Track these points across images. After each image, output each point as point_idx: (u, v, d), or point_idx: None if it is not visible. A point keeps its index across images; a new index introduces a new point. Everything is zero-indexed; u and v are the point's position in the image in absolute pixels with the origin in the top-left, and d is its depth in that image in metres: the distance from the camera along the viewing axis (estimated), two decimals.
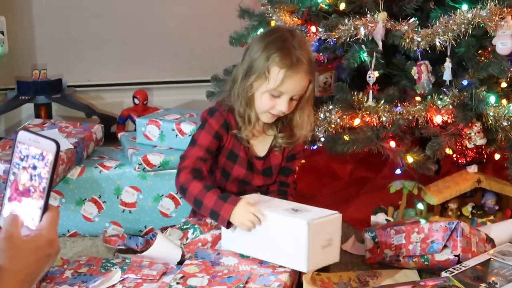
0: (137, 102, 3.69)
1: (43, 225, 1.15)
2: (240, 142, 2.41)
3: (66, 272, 2.28)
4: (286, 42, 2.28)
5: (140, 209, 2.75)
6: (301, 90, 2.31)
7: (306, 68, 2.27)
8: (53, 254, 1.15)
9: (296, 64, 2.25)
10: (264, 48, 2.29)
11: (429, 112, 2.64)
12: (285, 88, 2.28)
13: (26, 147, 1.16)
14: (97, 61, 3.85)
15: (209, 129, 2.39)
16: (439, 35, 2.60)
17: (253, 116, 2.37)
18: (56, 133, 2.88)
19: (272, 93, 2.29)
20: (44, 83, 3.63)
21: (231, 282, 2.08)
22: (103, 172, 2.74)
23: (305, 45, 2.33)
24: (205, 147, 2.38)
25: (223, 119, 2.39)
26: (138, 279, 2.21)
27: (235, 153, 2.43)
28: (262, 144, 2.46)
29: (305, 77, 2.28)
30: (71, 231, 2.75)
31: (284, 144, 2.43)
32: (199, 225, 2.42)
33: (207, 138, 2.39)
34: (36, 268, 1.13)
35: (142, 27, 3.83)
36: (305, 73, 2.27)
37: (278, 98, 2.30)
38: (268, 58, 2.27)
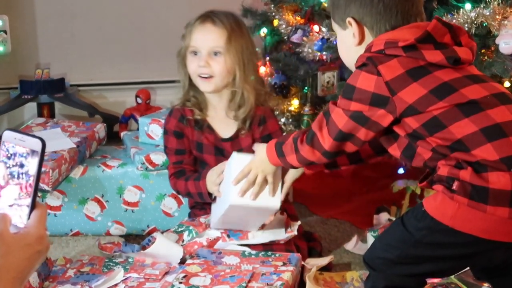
0: (140, 102, 3.69)
1: (32, 223, 1.16)
2: (202, 130, 2.46)
3: (68, 271, 2.28)
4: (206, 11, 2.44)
5: (142, 208, 2.75)
6: (213, 42, 2.38)
7: (215, 20, 2.38)
8: (43, 251, 1.16)
9: (205, 18, 2.40)
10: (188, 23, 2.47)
11: None
12: (195, 42, 2.39)
13: (12, 146, 1.16)
14: (100, 61, 3.84)
15: (168, 132, 2.52)
16: None
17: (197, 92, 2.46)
18: (59, 132, 2.88)
19: (191, 51, 2.40)
20: (47, 82, 3.63)
21: (233, 281, 2.08)
22: (105, 172, 2.74)
23: (228, 12, 2.45)
24: (174, 150, 2.51)
25: (179, 114, 2.50)
26: (140, 279, 2.21)
27: (199, 143, 2.49)
28: (226, 125, 2.48)
29: (213, 27, 2.38)
30: (73, 231, 2.75)
31: (242, 114, 2.43)
32: (193, 226, 2.43)
33: (171, 141, 2.52)
34: (27, 265, 1.14)
35: (144, 26, 3.83)
36: (212, 24, 2.38)
37: (197, 56, 2.40)
38: (186, 26, 2.44)
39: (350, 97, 1.81)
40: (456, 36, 1.83)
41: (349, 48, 1.93)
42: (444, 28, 1.82)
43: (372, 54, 1.80)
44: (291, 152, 2.00)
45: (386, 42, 1.80)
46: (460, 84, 1.77)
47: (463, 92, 1.75)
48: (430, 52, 1.78)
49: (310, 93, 3.00)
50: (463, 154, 1.73)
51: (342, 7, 1.91)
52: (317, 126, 1.91)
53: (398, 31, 1.83)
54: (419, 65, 1.77)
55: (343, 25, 1.92)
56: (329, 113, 1.87)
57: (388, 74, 1.76)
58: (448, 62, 1.77)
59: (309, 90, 2.98)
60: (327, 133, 1.88)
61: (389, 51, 1.79)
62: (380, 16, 1.85)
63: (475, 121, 1.73)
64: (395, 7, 1.85)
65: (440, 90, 1.76)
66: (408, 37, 1.79)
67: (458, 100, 1.74)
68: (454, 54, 1.78)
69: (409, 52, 1.77)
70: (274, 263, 2.19)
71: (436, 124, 1.75)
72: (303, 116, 2.90)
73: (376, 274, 1.91)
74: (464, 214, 1.72)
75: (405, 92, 1.76)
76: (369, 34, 1.88)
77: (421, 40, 1.78)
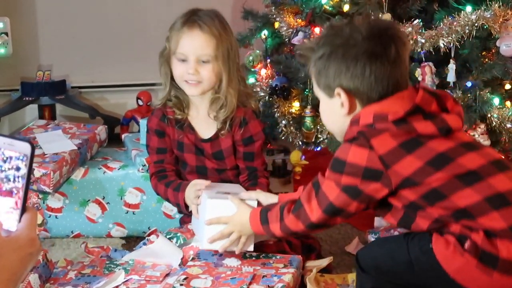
0: (141, 103, 3.69)
1: (23, 226, 1.17)
2: (182, 130, 2.47)
3: (69, 273, 2.28)
4: (190, 12, 2.39)
5: (143, 210, 2.75)
6: (202, 49, 2.34)
7: (203, 26, 2.34)
8: (35, 253, 1.17)
9: (190, 24, 2.35)
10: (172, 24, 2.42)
11: None
12: (183, 49, 2.35)
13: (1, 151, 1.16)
14: (101, 62, 3.85)
15: (150, 130, 2.53)
16: (443, 36, 2.60)
17: (180, 96, 2.45)
18: (60, 134, 2.89)
19: (177, 58, 2.37)
20: (48, 84, 3.63)
21: (234, 284, 2.08)
22: (106, 173, 2.74)
23: (211, 13, 2.39)
24: (155, 149, 2.52)
25: (161, 113, 2.50)
26: (141, 280, 2.21)
27: (180, 142, 2.49)
28: (207, 126, 2.47)
29: (201, 34, 2.34)
30: (74, 232, 2.75)
31: (222, 115, 2.42)
32: (181, 233, 2.43)
33: (152, 139, 2.53)
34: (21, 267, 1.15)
35: (145, 28, 3.83)
36: (200, 30, 2.34)
37: (185, 63, 2.36)
38: (171, 28, 2.40)
39: (341, 171, 1.78)
40: (442, 102, 1.80)
41: (336, 116, 1.87)
42: (431, 97, 1.78)
43: (362, 128, 1.76)
44: (275, 220, 1.96)
45: (375, 115, 1.76)
46: (456, 153, 1.74)
47: (461, 161, 1.73)
48: (421, 123, 1.74)
49: (311, 95, 3.00)
50: (469, 221, 1.73)
51: (330, 77, 1.83)
52: (306, 197, 1.88)
53: (386, 103, 1.77)
54: (411, 137, 1.74)
55: (330, 94, 1.86)
56: (319, 184, 1.84)
57: (381, 148, 1.73)
58: (440, 133, 1.74)
59: (310, 92, 2.98)
60: (316, 204, 1.85)
61: (379, 125, 1.74)
62: (371, 87, 1.79)
63: (478, 190, 1.71)
64: (387, 78, 1.78)
65: (437, 161, 1.73)
66: (397, 109, 1.74)
67: (457, 170, 1.72)
68: (445, 124, 1.75)
69: (399, 126, 1.73)
70: (275, 265, 2.19)
71: (436, 195, 1.73)
72: (304, 118, 2.90)
73: (365, 275, 1.92)
74: (470, 273, 1.72)
75: (400, 165, 1.73)
76: (358, 104, 1.83)
77: (410, 113, 1.74)
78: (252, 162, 2.48)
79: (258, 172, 2.49)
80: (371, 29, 1.81)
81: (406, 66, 1.84)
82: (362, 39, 1.79)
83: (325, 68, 1.84)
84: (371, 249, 1.95)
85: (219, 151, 2.46)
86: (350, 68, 1.79)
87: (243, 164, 2.48)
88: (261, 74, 3.11)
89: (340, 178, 1.79)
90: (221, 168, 2.50)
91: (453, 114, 1.79)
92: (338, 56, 1.81)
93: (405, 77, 1.84)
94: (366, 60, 1.78)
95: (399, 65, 1.80)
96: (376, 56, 1.78)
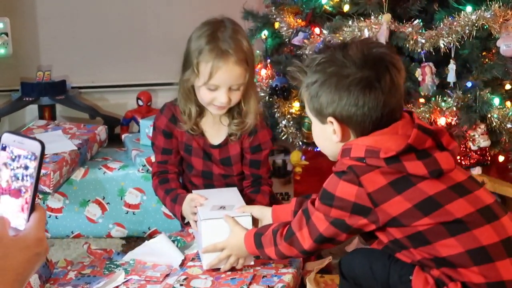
0: (141, 104, 3.69)
1: (31, 225, 1.16)
2: (193, 134, 2.44)
3: (70, 273, 2.28)
4: (214, 34, 2.29)
5: (143, 210, 2.75)
6: (236, 80, 2.29)
7: (236, 58, 2.26)
8: (42, 253, 1.15)
9: (222, 55, 2.25)
10: (194, 41, 2.33)
11: (433, 114, 2.63)
12: (217, 81, 2.28)
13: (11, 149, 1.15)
14: (101, 63, 3.85)
15: (157, 129, 2.49)
16: (443, 36, 2.60)
17: (193, 111, 2.39)
18: (60, 135, 2.89)
19: (207, 87, 2.30)
20: (48, 85, 3.63)
21: (234, 284, 2.08)
22: (107, 174, 2.74)
23: (237, 34, 2.31)
24: (161, 149, 2.49)
25: (171, 113, 2.46)
26: (141, 281, 2.21)
27: (189, 145, 2.47)
28: (217, 133, 2.45)
29: (235, 66, 2.27)
30: (75, 233, 2.75)
31: (237, 131, 2.41)
32: (181, 236, 2.42)
33: (158, 139, 2.50)
34: (27, 267, 1.14)
35: (146, 29, 3.83)
36: (234, 62, 2.26)
37: (216, 91, 2.30)
38: (196, 52, 2.30)
39: (330, 204, 1.76)
40: (438, 138, 1.76)
41: (328, 142, 1.84)
42: (425, 135, 1.73)
43: (352, 162, 1.73)
44: (270, 244, 1.95)
45: (367, 150, 1.72)
46: (445, 198, 1.71)
47: (448, 208, 1.70)
48: (412, 164, 1.70)
49: None
50: (450, 270, 1.72)
51: (322, 104, 1.79)
52: (297, 225, 1.87)
53: (379, 138, 1.74)
54: (402, 176, 1.71)
55: (322, 120, 1.83)
56: (309, 214, 1.83)
57: (371, 186, 1.70)
58: (431, 176, 1.71)
59: None
60: (307, 233, 1.84)
61: (370, 161, 1.71)
62: (364, 117, 1.74)
63: (462, 241, 1.69)
64: (381, 108, 1.74)
65: (425, 205, 1.70)
66: (390, 146, 1.71)
67: (443, 218, 1.70)
68: (436, 167, 1.71)
69: (391, 164, 1.70)
70: (275, 265, 2.19)
71: (421, 239, 1.72)
72: (304, 118, 2.90)
73: (345, 282, 1.93)
74: None
75: (388, 205, 1.71)
76: (351, 133, 1.79)
77: (402, 152, 1.70)
78: (257, 170, 2.48)
79: (262, 180, 2.48)
80: (365, 58, 1.76)
81: (401, 92, 1.80)
82: (356, 69, 1.74)
83: (317, 95, 1.80)
84: (355, 259, 1.93)
85: (227, 157, 2.45)
86: (343, 98, 1.75)
87: (249, 171, 2.48)
88: (261, 74, 3.11)
89: (329, 211, 1.77)
90: (227, 174, 2.49)
91: (446, 152, 1.75)
92: (332, 85, 1.76)
93: (400, 102, 1.80)
94: (359, 91, 1.73)
95: (394, 93, 1.76)
96: (370, 87, 1.73)
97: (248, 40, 2.38)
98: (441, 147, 1.77)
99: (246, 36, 2.38)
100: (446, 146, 1.77)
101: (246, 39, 2.35)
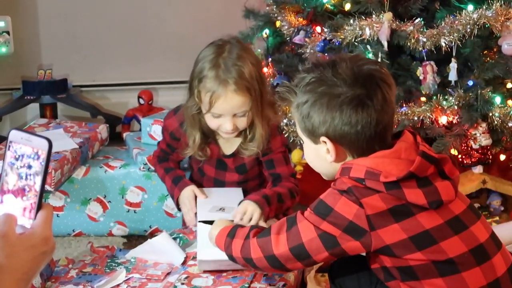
0: (142, 102, 3.69)
1: (37, 223, 1.15)
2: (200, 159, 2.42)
3: (71, 271, 2.28)
4: (216, 60, 2.23)
5: (145, 209, 2.75)
6: (238, 108, 2.24)
7: (235, 87, 2.20)
8: (48, 252, 1.15)
9: (221, 85, 2.20)
10: (198, 66, 2.27)
11: (435, 113, 2.63)
12: (218, 110, 2.24)
13: (19, 147, 1.15)
14: (103, 62, 3.85)
15: (166, 129, 2.48)
16: (444, 35, 2.60)
17: (197, 138, 2.35)
18: (61, 133, 2.89)
19: (211, 115, 2.26)
20: (49, 83, 3.63)
21: (236, 282, 2.08)
22: (108, 172, 2.74)
23: (241, 60, 2.23)
24: (167, 142, 2.50)
25: (180, 121, 2.41)
26: (143, 279, 2.21)
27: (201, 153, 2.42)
28: (230, 143, 2.42)
29: (235, 96, 2.21)
30: (76, 231, 2.75)
31: (247, 154, 2.38)
32: (184, 233, 2.42)
33: (165, 136, 2.50)
34: (32, 266, 1.13)
35: (147, 27, 3.84)
36: (234, 91, 2.20)
37: (220, 118, 2.26)
38: (196, 81, 2.25)
39: (324, 217, 1.71)
40: (440, 166, 1.73)
41: (322, 161, 1.80)
42: (428, 163, 1.70)
43: (352, 183, 1.69)
44: (241, 237, 1.88)
45: (367, 171, 1.67)
46: (441, 235, 1.68)
47: (443, 246, 1.67)
48: (412, 192, 1.67)
49: None
50: None
51: (314, 124, 1.75)
52: (276, 229, 1.81)
53: (381, 160, 1.70)
54: (402, 204, 1.67)
55: (315, 141, 1.78)
56: (296, 221, 1.77)
57: (371, 209, 1.66)
58: (430, 207, 1.67)
59: None
60: (285, 239, 1.77)
61: (370, 184, 1.67)
62: (357, 136, 1.71)
63: (449, 283, 1.68)
64: (374, 126, 1.70)
65: (420, 239, 1.67)
66: (390, 169, 1.67)
67: (436, 256, 1.68)
68: (436, 198, 1.68)
69: (390, 190, 1.66)
70: None
71: (410, 273, 1.70)
72: None
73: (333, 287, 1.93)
74: None
75: (384, 231, 1.67)
76: (346, 153, 1.75)
77: (403, 179, 1.66)
78: (274, 169, 2.43)
79: (282, 178, 2.43)
80: (355, 76, 1.72)
81: (393, 108, 1.78)
82: (347, 87, 1.71)
83: (309, 115, 1.75)
84: (345, 269, 1.92)
85: (242, 164, 2.44)
86: (335, 117, 1.71)
87: (267, 172, 2.45)
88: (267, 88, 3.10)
89: (320, 223, 1.71)
90: (242, 180, 2.48)
91: (448, 182, 1.72)
92: (323, 105, 1.72)
93: (392, 119, 1.77)
94: (352, 109, 1.70)
95: (386, 110, 1.73)
96: (363, 105, 1.70)
97: (256, 63, 2.29)
98: (442, 175, 1.73)
99: (254, 60, 2.29)
100: (448, 175, 1.73)
101: (252, 63, 2.26)
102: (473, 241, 1.71)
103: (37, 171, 1.15)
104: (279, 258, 1.78)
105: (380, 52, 2.66)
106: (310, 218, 1.73)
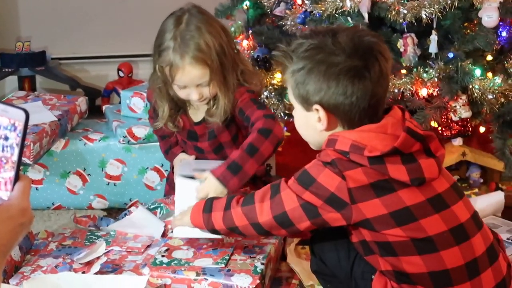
0: (122, 75, 3.67)
1: (15, 195, 1.13)
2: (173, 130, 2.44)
3: (50, 244, 2.28)
4: (172, 33, 2.23)
5: (125, 182, 2.74)
6: (199, 80, 2.24)
7: (191, 60, 2.20)
8: (26, 223, 1.14)
9: (179, 58, 2.21)
10: (157, 39, 2.29)
11: (415, 85, 2.63)
12: (181, 82, 2.25)
13: None
14: (82, 34, 3.82)
15: (148, 100, 2.52)
16: (425, 7, 2.59)
17: (165, 109, 2.37)
18: (40, 106, 2.87)
19: (177, 86, 2.28)
20: (27, 55, 3.60)
21: (216, 254, 2.08)
22: (87, 145, 2.73)
23: (196, 31, 2.23)
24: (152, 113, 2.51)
25: None
26: (123, 252, 2.21)
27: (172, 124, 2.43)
28: (198, 112, 2.42)
29: (193, 68, 2.22)
30: (55, 204, 2.74)
31: (212, 120, 2.36)
32: (165, 203, 2.42)
33: (150, 107, 2.52)
34: (10, 238, 1.12)
35: None
36: (191, 64, 2.21)
37: (186, 89, 2.27)
38: (157, 55, 2.28)
39: (306, 187, 1.71)
40: (426, 143, 1.72)
41: (311, 130, 1.79)
42: (413, 140, 1.69)
43: (336, 155, 1.68)
44: (220, 209, 1.87)
45: (352, 145, 1.67)
46: (421, 212, 1.68)
47: (422, 224, 1.68)
48: (395, 167, 1.67)
49: None
50: (409, 286, 1.73)
51: (309, 92, 1.74)
52: (259, 197, 1.81)
53: (366, 134, 1.70)
54: (384, 179, 1.67)
55: (307, 108, 1.77)
56: (279, 190, 1.77)
57: (353, 182, 1.66)
58: (412, 184, 1.68)
59: None
60: (268, 207, 1.77)
61: (354, 157, 1.67)
62: (351, 107, 1.71)
63: (427, 262, 1.69)
64: (368, 98, 1.70)
65: (400, 215, 1.68)
66: (375, 144, 1.67)
67: (415, 233, 1.68)
68: (419, 175, 1.68)
69: (374, 165, 1.66)
70: None
71: (388, 249, 1.71)
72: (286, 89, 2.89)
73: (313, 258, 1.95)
74: None
75: (365, 205, 1.67)
76: (338, 123, 1.75)
77: (387, 154, 1.66)
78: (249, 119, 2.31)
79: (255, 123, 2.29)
80: (355, 47, 1.71)
81: (388, 82, 1.78)
82: (346, 57, 1.70)
83: (304, 82, 1.75)
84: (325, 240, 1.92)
85: (211, 130, 2.41)
86: (331, 86, 1.70)
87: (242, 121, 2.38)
88: (242, 45, 3.09)
89: (303, 192, 1.72)
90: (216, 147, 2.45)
91: (432, 160, 1.72)
92: (320, 73, 1.72)
93: (386, 92, 1.78)
94: (348, 79, 1.69)
95: (381, 83, 1.73)
96: (360, 76, 1.70)
97: (216, 33, 2.26)
98: (428, 152, 1.73)
99: (214, 31, 2.26)
100: (433, 152, 1.73)
101: (211, 34, 2.25)
102: (454, 221, 1.72)
103: (14, 143, 1.13)
104: (264, 226, 1.79)
105: (361, 24, 2.65)
106: (293, 187, 1.74)
